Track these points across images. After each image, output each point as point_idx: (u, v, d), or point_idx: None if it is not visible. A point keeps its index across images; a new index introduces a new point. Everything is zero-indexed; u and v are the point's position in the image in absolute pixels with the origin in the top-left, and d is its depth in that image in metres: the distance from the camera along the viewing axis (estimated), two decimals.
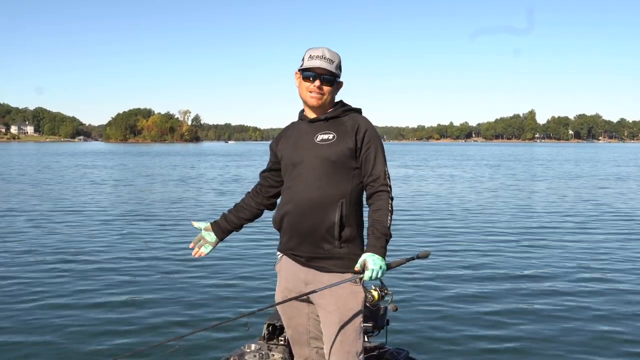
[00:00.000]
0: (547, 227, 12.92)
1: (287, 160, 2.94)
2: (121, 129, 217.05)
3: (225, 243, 3.05)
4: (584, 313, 6.55)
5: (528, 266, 8.89)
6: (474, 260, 9.30)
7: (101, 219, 13.95)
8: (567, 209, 16.56)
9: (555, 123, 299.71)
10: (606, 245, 10.67)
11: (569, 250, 10.17)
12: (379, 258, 2.71)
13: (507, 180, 29.05)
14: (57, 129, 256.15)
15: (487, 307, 6.77)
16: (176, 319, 6.23)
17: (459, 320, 6.27)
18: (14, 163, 46.42)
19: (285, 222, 2.90)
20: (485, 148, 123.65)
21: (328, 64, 2.88)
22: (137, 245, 10.45)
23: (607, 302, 6.98)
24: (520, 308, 6.75)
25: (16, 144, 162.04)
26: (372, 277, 2.70)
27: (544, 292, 7.45)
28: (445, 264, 9.00)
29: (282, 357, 3.54)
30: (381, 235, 2.78)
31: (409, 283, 7.73)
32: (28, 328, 5.94)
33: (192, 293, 7.22)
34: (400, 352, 3.74)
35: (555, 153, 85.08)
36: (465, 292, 7.36)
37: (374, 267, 2.69)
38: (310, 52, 2.91)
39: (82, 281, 7.80)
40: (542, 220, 14.03)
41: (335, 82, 2.94)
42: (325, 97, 2.91)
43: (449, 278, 8.07)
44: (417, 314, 6.43)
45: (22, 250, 9.98)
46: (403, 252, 9.74)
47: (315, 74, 2.87)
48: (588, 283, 7.84)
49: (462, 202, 18.42)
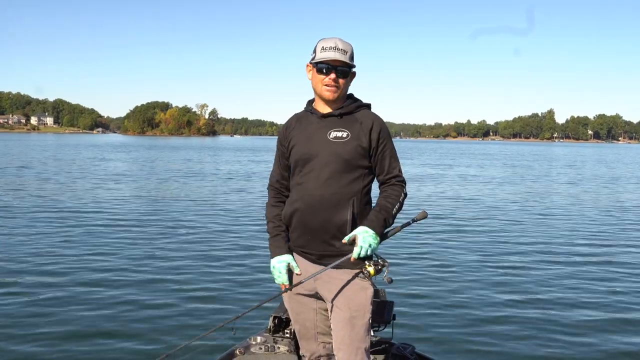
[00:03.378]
0: (565, 229, 12.79)
1: (298, 155, 2.88)
2: (139, 122, 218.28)
3: (226, 243, 3.02)
4: (597, 315, 6.48)
5: (538, 265, 8.79)
6: (482, 256, 9.24)
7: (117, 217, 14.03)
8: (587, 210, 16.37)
9: (575, 123, 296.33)
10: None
11: (579, 253, 10.05)
12: (371, 235, 2.70)
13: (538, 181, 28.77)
14: (76, 121, 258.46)
15: (494, 303, 6.74)
16: (177, 318, 6.19)
17: (465, 316, 6.25)
18: (34, 156, 46.82)
19: (296, 219, 2.87)
20: (506, 147, 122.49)
21: (342, 55, 2.80)
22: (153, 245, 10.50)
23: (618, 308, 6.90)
24: (529, 305, 6.70)
25: (36, 135, 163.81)
26: (360, 254, 2.68)
27: (553, 289, 7.39)
28: (452, 259, 8.98)
29: (288, 349, 3.54)
30: (383, 214, 2.77)
31: (416, 278, 7.74)
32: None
33: (189, 293, 7.13)
34: (406, 347, 3.74)
35: (592, 154, 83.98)
36: (472, 288, 7.32)
37: (363, 244, 2.68)
38: (323, 44, 2.83)
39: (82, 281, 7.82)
40: (557, 221, 13.90)
41: (350, 72, 2.88)
42: (341, 89, 2.85)
43: (456, 273, 8.05)
44: (423, 310, 6.42)
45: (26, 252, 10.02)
46: (408, 248, 9.73)
47: (329, 66, 2.80)
48: (602, 284, 7.75)
49: (477, 197, 18.33)
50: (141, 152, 57.20)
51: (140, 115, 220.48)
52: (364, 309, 2.83)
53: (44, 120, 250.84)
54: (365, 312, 2.83)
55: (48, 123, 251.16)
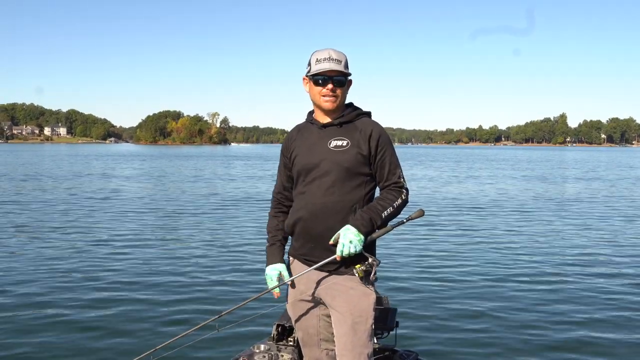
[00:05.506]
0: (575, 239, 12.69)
1: (301, 165, 2.92)
2: (151, 131, 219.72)
3: (227, 245, 3.05)
4: (608, 317, 6.42)
5: (541, 271, 8.69)
6: (489, 264, 9.14)
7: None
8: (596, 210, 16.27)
9: (587, 127, 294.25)
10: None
11: (590, 254, 9.97)
12: (353, 232, 2.71)
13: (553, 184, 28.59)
14: (89, 131, 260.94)
15: (499, 311, 6.67)
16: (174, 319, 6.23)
17: (469, 324, 6.20)
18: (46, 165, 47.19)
19: (299, 228, 2.90)
20: (519, 152, 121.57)
21: (337, 65, 2.84)
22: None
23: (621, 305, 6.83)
24: (533, 313, 6.62)
25: (49, 145, 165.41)
26: (342, 252, 2.70)
27: (558, 295, 7.33)
28: (457, 267, 8.89)
29: (292, 357, 3.53)
30: (369, 213, 2.78)
31: (420, 285, 7.70)
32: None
33: (186, 294, 7.21)
34: (409, 354, 3.72)
35: (613, 159, 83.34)
36: (477, 296, 7.26)
37: (344, 240, 2.70)
38: (317, 56, 2.88)
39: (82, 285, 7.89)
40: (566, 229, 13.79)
41: (346, 81, 2.91)
42: (339, 99, 2.89)
43: (460, 282, 7.98)
44: (427, 317, 6.39)
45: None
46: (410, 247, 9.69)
47: (325, 77, 2.84)
48: (611, 285, 7.68)
49: (488, 204, 18.21)
50: (152, 161, 57.48)
51: (152, 124, 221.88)
52: (367, 315, 2.85)
53: (57, 130, 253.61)
54: (367, 318, 2.85)
55: (61, 133, 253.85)
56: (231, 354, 3.61)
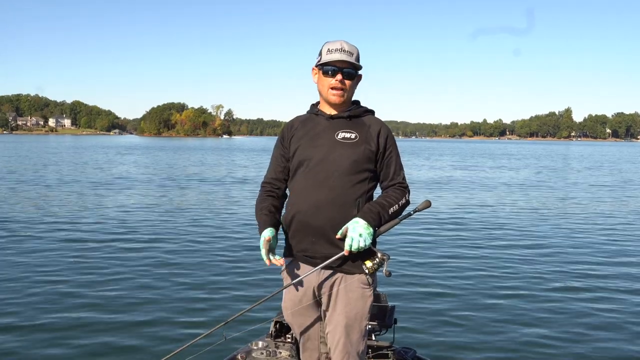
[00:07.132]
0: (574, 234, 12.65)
1: (303, 155, 2.83)
2: (155, 123, 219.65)
3: (228, 247, 3.02)
4: (606, 315, 6.40)
5: (543, 269, 8.63)
6: (489, 262, 9.07)
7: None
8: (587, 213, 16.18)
9: (593, 121, 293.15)
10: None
11: (589, 252, 9.95)
12: (362, 225, 2.64)
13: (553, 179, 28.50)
14: (93, 122, 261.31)
15: (496, 307, 6.67)
16: (176, 319, 6.18)
17: (467, 320, 6.19)
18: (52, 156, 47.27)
19: (297, 221, 2.79)
20: (526, 146, 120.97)
21: (348, 56, 2.78)
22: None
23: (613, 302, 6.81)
24: (533, 310, 6.59)
25: (54, 137, 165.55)
26: (352, 246, 2.62)
27: (555, 291, 7.32)
28: (455, 264, 8.85)
29: (290, 354, 3.52)
30: (377, 207, 2.73)
31: (418, 282, 7.68)
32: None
33: (185, 295, 7.09)
34: (407, 351, 3.71)
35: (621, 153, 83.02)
36: (476, 293, 7.24)
37: (353, 234, 2.62)
38: (328, 46, 2.82)
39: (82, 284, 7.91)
40: (577, 230, 13.74)
41: (356, 75, 2.87)
42: (347, 92, 2.84)
43: (458, 278, 7.95)
44: (425, 314, 6.37)
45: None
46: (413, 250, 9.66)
47: (335, 68, 2.79)
48: (607, 282, 7.67)
49: (491, 203, 18.16)
50: (156, 153, 57.54)
51: (157, 116, 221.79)
52: (361, 317, 2.82)
53: (61, 122, 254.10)
54: (362, 320, 2.82)
55: (66, 125, 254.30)
56: (228, 351, 3.59)
